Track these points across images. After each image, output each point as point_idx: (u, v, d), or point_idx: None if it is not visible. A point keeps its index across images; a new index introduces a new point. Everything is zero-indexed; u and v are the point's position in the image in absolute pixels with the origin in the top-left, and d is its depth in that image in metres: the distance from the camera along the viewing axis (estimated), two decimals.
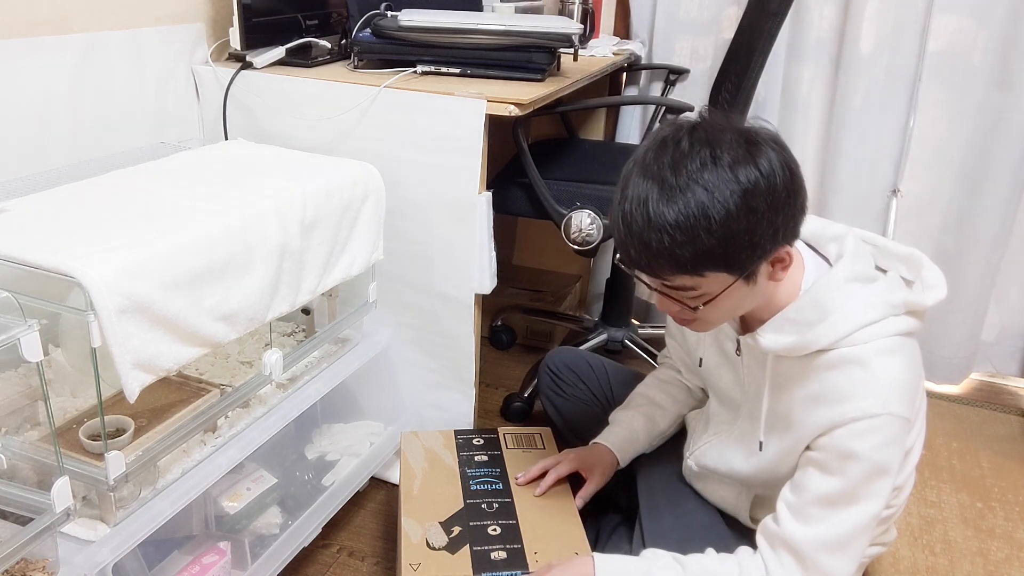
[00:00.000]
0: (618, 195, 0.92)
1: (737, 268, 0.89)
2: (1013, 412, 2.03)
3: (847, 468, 0.93)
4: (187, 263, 0.95)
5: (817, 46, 1.98)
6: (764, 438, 1.05)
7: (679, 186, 0.86)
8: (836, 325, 0.94)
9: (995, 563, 1.49)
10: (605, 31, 2.27)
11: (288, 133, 1.49)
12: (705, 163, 0.86)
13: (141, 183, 1.15)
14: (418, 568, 1.09)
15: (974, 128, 1.91)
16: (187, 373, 1.18)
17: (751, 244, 0.87)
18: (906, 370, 0.94)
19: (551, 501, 1.23)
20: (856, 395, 0.92)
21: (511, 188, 1.68)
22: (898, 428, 0.93)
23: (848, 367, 0.94)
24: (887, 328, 0.95)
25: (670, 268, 0.89)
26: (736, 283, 0.91)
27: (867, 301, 0.95)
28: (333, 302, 1.40)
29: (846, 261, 0.99)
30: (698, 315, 0.96)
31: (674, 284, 0.92)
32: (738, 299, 0.95)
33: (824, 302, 0.96)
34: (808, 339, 0.95)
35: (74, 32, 1.30)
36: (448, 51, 1.45)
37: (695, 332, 1.17)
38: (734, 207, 0.85)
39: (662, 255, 0.88)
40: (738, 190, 0.85)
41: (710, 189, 0.85)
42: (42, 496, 0.89)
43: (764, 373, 1.03)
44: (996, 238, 1.95)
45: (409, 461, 1.32)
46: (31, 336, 0.82)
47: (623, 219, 0.90)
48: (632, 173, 0.91)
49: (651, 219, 0.87)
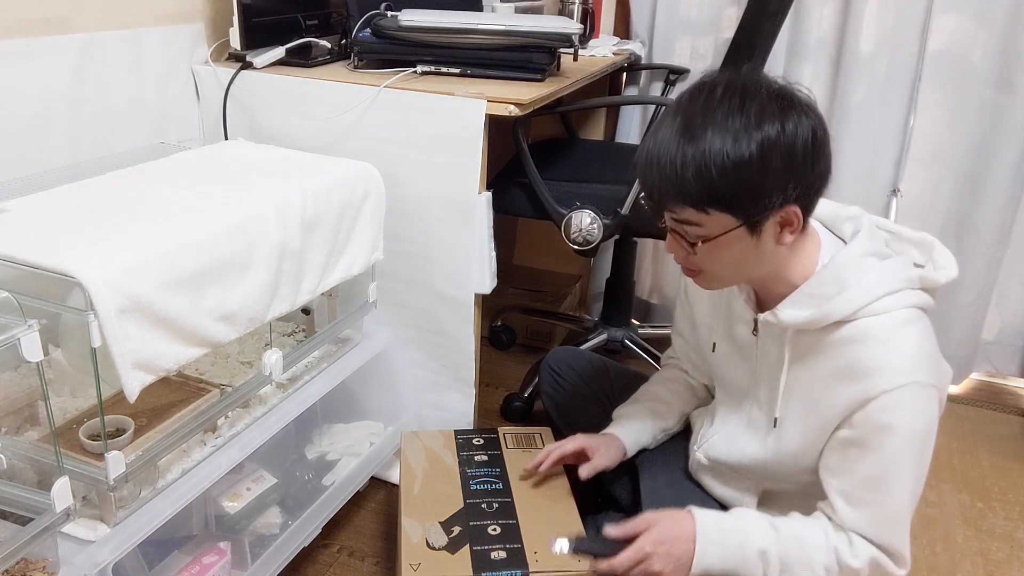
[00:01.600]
0: (651, 129, 0.96)
1: (741, 214, 0.91)
2: (1013, 412, 2.03)
3: (885, 442, 0.95)
4: (187, 263, 0.95)
5: (817, 46, 1.98)
6: (780, 414, 1.06)
7: (702, 126, 0.89)
8: (855, 296, 0.96)
9: (995, 563, 1.49)
10: (605, 31, 2.27)
11: (288, 133, 1.49)
12: (732, 111, 0.89)
13: (141, 183, 1.15)
14: (418, 568, 1.09)
15: (974, 128, 1.91)
16: (187, 373, 1.18)
17: (758, 194, 0.90)
18: (926, 340, 0.97)
19: (551, 501, 1.23)
20: (882, 368, 0.94)
21: (511, 188, 1.68)
22: (927, 396, 0.94)
23: (869, 340, 0.95)
24: (904, 299, 0.97)
25: (677, 198, 0.92)
26: (739, 230, 0.93)
27: (883, 274, 0.97)
28: (333, 302, 1.40)
29: (862, 236, 1.01)
30: (700, 261, 0.97)
31: (680, 217, 0.94)
32: (741, 252, 0.95)
33: (842, 275, 0.97)
34: (827, 311, 0.97)
35: (74, 32, 1.30)
36: (448, 51, 1.45)
37: (706, 317, 1.19)
38: (748, 155, 0.88)
39: (672, 184, 0.91)
40: (757, 139, 0.88)
41: (730, 134, 0.88)
42: (42, 496, 0.89)
43: (783, 350, 1.04)
44: (996, 238, 1.95)
45: (409, 461, 1.32)
46: (31, 336, 0.82)
47: (647, 149, 0.94)
48: (666, 112, 0.95)
49: (670, 150, 0.90)
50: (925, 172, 2.00)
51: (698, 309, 1.24)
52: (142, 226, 0.98)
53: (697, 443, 1.21)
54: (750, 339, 1.11)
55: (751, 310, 1.08)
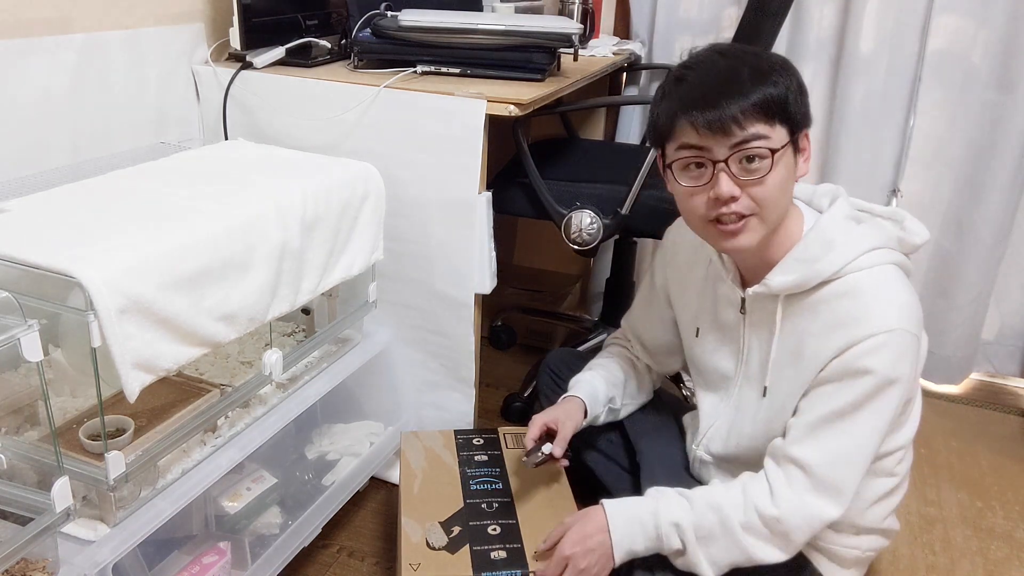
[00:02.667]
0: (673, 76, 1.00)
1: (792, 123, 0.97)
2: (1013, 412, 2.03)
3: (858, 383, 0.97)
4: (187, 263, 0.95)
5: (817, 46, 1.98)
6: (770, 382, 1.09)
7: (731, 51, 0.99)
8: (841, 254, 1.00)
9: (995, 562, 1.49)
10: (605, 31, 2.27)
11: (288, 133, 1.49)
12: (742, 49, 0.99)
13: (141, 183, 1.15)
14: (418, 568, 1.09)
15: (974, 128, 1.91)
16: (187, 373, 1.18)
17: (802, 100, 0.98)
18: (911, 294, 1.00)
19: (551, 501, 1.23)
20: (868, 315, 0.97)
21: (511, 188, 1.67)
22: (908, 342, 0.97)
23: (858, 292, 0.99)
24: (886, 256, 1.02)
25: (752, 109, 0.94)
26: (789, 148, 0.97)
27: (865, 233, 1.03)
28: (333, 302, 1.40)
29: (841, 202, 1.07)
30: (762, 191, 0.97)
31: (747, 135, 0.94)
32: (787, 177, 0.99)
33: (828, 236, 1.02)
34: (816, 270, 1.01)
35: (74, 32, 1.30)
36: (448, 51, 1.45)
37: (691, 304, 1.21)
38: (781, 65, 0.97)
39: (745, 90, 0.94)
40: (778, 60, 0.98)
41: (756, 54, 0.97)
42: (42, 496, 0.89)
43: (773, 321, 1.07)
44: (996, 238, 1.95)
45: (409, 461, 1.32)
46: (31, 336, 0.82)
47: (696, 68, 0.98)
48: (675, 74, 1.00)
49: (733, 63, 0.96)
50: (925, 172, 2.00)
51: (681, 299, 1.26)
52: (142, 226, 0.98)
53: (696, 441, 1.22)
54: (736, 320, 1.13)
55: (738, 289, 1.11)
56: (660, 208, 1.54)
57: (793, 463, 1.01)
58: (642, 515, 1.05)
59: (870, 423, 0.98)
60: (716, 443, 1.18)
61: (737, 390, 1.15)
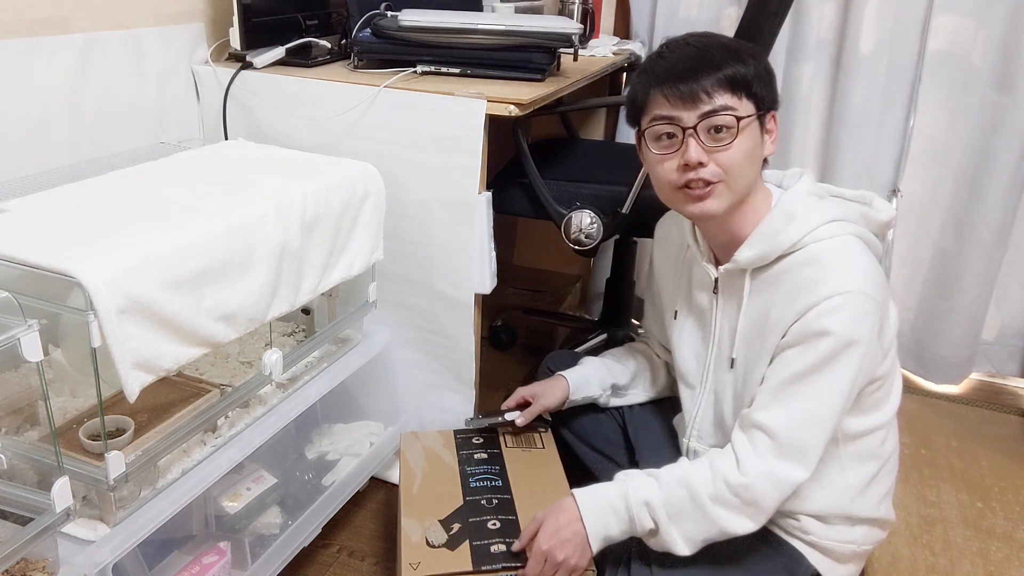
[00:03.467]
0: (649, 57, 1.08)
1: (759, 100, 1.03)
2: (1013, 412, 2.03)
3: (819, 344, 0.99)
4: (187, 263, 0.95)
5: (817, 46, 1.98)
6: (737, 355, 1.12)
7: (700, 36, 1.06)
8: (799, 226, 1.04)
9: (995, 563, 1.49)
10: (605, 31, 2.27)
11: (288, 133, 1.49)
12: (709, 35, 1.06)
13: (141, 183, 1.15)
14: (418, 567, 1.09)
15: (974, 128, 1.91)
16: (187, 373, 1.18)
17: (770, 81, 1.04)
18: (869, 260, 1.03)
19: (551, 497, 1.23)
20: (827, 278, 1.00)
21: (511, 188, 1.68)
22: (867, 304, 0.99)
23: (817, 259, 1.02)
24: (847, 228, 1.05)
25: (720, 82, 1.01)
26: (755, 121, 1.03)
27: (825, 207, 1.07)
28: (333, 302, 1.40)
29: (806, 179, 1.12)
30: (728, 157, 1.02)
31: (715, 104, 1.01)
32: (752, 150, 1.04)
33: (790, 210, 1.06)
34: (777, 242, 1.05)
35: (74, 32, 1.30)
36: (448, 51, 1.45)
37: (668, 287, 1.26)
38: (752, 48, 1.04)
39: (715, 66, 1.01)
40: (747, 46, 1.04)
41: (726, 40, 1.05)
42: (42, 496, 0.89)
43: (742, 295, 1.10)
44: (996, 238, 1.95)
45: (409, 461, 1.32)
46: (31, 336, 0.82)
47: (671, 49, 1.05)
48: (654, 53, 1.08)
49: (705, 42, 1.04)
50: (925, 172, 2.00)
51: (662, 281, 1.30)
52: (142, 226, 0.98)
53: (687, 434, 1.23)
54: (709, 303, 1.16)
55: (712, 268, 1.14)
56: (660, 208, 1.53)
57: (758, 428, 1.03)
58: (612, 499, 1.07)
59: (832, 384, 1.00)
60: (705, 431, 1.20)
61: (711, 375, 1.17)
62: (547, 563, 1.05)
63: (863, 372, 1.03)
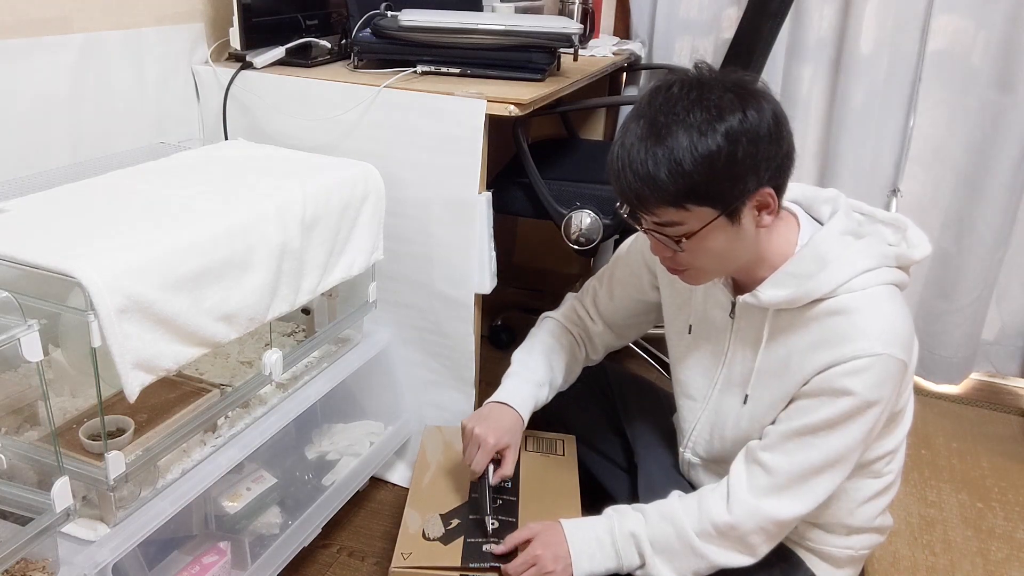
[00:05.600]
0: (617, 137, 0.97)
1: (720, 203, 0.93)
2: (1013, 412, 2.03)
3: (837, 402, 0.97)
4: (187, 263, 0.95)
5: (817, 46, 1.98)
6: (751, 392, 1.08)
7: (666, 124, 0.91)
8: (834, 273, 0.98)
9: (995, 563, 1.49)
10: (605, 31, 2.27)
11: (288, 133, 1.49)
12: (692, 105, 0.91)
13: (141, 183, 1.15)
14: (408, 557, 1.10)
15: (974, 128, 1.91)
16: (187, 373, 1.18)
17: (732, 180, 0.92)
18: (903, 317, 0.98)
19: (556, 503, 1.23)
20: (858, 336, 0.95)
21: (511, 188, 1.68)
22: (894, 367, 0.96)
23: (851, 312, 0.97)
24: (881, 276, 0.99)
25: (656, 200, 0.93)
26: (719, 220, 0.94)
27: (862, 251, 1.00)
28: (333, 302, 1.40)
29: (840, 216, 1.03)
30: (687, 258, 0.99)
31: (662, 220, 0.96)
32: (725, 242, 0.97)
33: (822, 253, 0.99)
34: (808, 288, 0.98)
35: (74, 32, 1.30)
36: (448, 51, 1.45)
37: (681, 300, 1.20)
38: (716, 147, 0.90)
39: (648, 187, 0.92)
40: (721, 130, 0.90)
41: (695, 128, 0.90)
42: (42, 496, 0.89)
43: (761, 330, 1.06)
44: (996, 238, 1.95)
45: (426, 454, 1.33)
46: (31, 336, 0.82)
47: (617, 156, 0.95)
48: (629, 118, 0.97)
49: (639, 155, 0.92)
50: (925, 172, 2.00)
51: (670, 290, 1.23)
52: (142, 226, 0.98)
53: (683, 444, 1.23)
54: (724, 323, 1.12)
55: (729, 293, 1.10)
56: None
57: (760, 465, 1.02)
58: (599, 534, 1.07)
59: (843, 441, 0.98)
60: (700, 446, 1.19)
61: (716, 393, 1.15)
62: (535, 567, 1.06)
63: (878, 426, 1.01)
